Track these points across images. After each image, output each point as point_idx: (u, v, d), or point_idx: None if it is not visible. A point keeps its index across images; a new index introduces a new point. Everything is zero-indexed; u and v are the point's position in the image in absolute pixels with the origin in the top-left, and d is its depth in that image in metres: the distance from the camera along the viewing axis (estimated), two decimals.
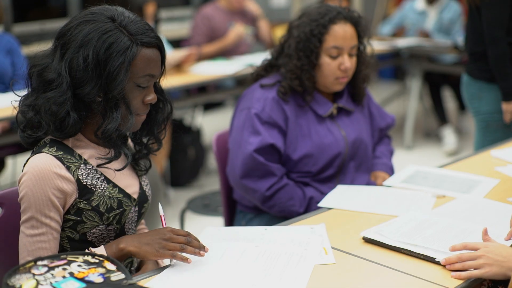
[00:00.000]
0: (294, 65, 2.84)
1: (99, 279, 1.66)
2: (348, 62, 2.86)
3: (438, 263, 2.01)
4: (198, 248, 1.98)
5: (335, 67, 2.86)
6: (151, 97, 2.05)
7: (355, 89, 3.03)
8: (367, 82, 3.06)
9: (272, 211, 2.85)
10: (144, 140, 2.25)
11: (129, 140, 2.26)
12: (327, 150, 2.89)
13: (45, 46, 2.05)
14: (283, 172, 2.87)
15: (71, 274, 1.65)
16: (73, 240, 2.06)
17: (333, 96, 3.01)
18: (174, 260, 1.99)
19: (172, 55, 5.19)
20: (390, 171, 3.11)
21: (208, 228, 2.22)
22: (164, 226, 2.07)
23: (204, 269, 1.95)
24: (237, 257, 2.03)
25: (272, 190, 2.81)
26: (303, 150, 2.87)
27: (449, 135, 6.86)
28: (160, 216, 2.10)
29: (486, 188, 2.73)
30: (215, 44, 6.18)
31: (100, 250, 1.97)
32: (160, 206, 2.11)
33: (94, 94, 1.95)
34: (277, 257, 2.02)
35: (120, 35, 1.95)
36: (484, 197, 2.61)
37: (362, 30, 2.91)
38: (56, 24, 6.50)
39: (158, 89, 2.15)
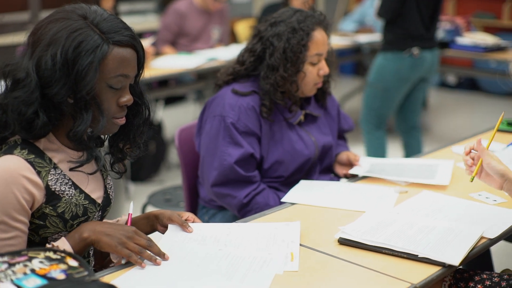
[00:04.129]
0: (281, 76, 2.78)
1: (61, 276, 1.63)
2: (326, 68, 2.86)
3: (418, 260, 2.03)
4: (157, 254, 1.97)
5: (316, 73, 2.85)
6: (126, 99, 1.99)
7: (321, 92, 3.03)
8: (331, 82, 3.06)
9: (247, 215, 2.82)
10: (121, 144, 2.17)
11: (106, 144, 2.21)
12: (298, 155, 2.88)
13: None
14: (260, 178, 2.86)
15: (33, 270, 1.62)
16: (33, 243, 2.01)
17: (300, 102, 2.99)
18: (124, 260, 1.97)
19: None
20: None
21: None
22: (129, 225, 2.04)
23: (167, 272, 1.93)
24: (199, 261, 2.00)
25: (249, 197, 2.79)
26: (275, 156, 2.86)
27: None
28: (129, 214, 2.07)
29: (447, 171, 2.82)
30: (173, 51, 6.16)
31: (62, 242, 1.94)
32: (131, 204, 2.09)
33: (62, 95, 1.89)
34: (240, 262, 1.99)
35: (90, 33, 1.89)
36: (448, 191, 2.64)
37: (330, 33, 2.91)
38: (16, 17, 6.43)
39: (136, 92, 2.08)
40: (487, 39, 6.57)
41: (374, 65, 5.36)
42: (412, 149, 5.62)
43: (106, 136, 2.16)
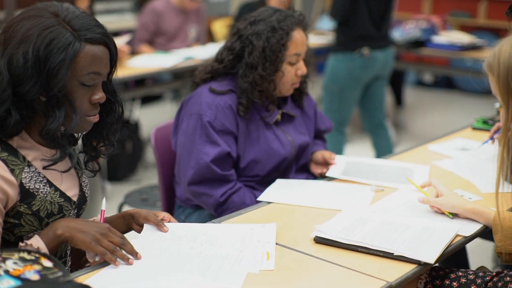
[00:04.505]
0: (259, 74, 2.78)
1: (36, 277, 1.62)
2: (304, 68, 2.87)
3: (394, 258, 2.04)
4: (130, 253, 1.96)
5: (294, 73, 2.85)
6: (99, 96, 1.98)
7: (298, 92, 3.03)
8: (308, 82, 3.06)
9: (223, 215, 2.81)
10: (94, 142, 2.16)
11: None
12: (275, 155, 2.88)
13: None
14: (236, 177, 2.86)
15: (6, 272, 1.61)
16: (8, 242, 1.99)
17: (278, 102, 2.99)
18: (98, 257, 1.96)
19: None
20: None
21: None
22: (102, 222, 2.03)
23: (140, 270, 1.92)
24: (173, 260, 2.00)
25: (226, 196, 2.78)
26: (251, 156, 2.86)
27: None
28: (101, 210, 2.06)
29: (423, 176, 2.81)
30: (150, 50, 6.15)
31: (35, 239, 1.91)
32: (104, 200, 2.07)
33: (34, 93, 1.88)
34: (213, 260, 1.99)
35: (62, 30, 1.88)
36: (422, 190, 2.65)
37: (308, 33, 2.91)
38: None
39: (109, 90, 2.07)
40: (463, 38, 6.60)
41: (327, 67, 5.38)
42: (382, 149, 5.64)
43: (80, 134, 2.15)
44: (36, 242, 1.90)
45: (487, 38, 7.23)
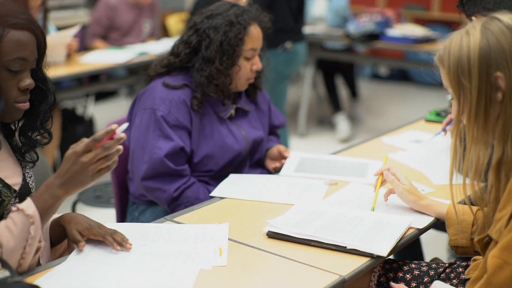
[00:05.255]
0: (216, 68, 2.77)
1: None
2: (259, 63, 2.87)
3: (347, 251, 2.04)
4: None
5: (249, 68, 2.85)
6: (27, 83, 1.97)
7: (253, 87, 3.02)
8: (262, 77, 3.06)
9: (177, 210, 2.79)
10: (30, 133, 2.15)
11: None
12: (229, 150, 2.87)
13: None
14: (190, 172, 2.84)
15: None
16: None
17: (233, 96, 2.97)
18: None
19: (58, 35, 5.03)
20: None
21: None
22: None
23: (91, 268, 1.90)
24: (124, 257, 1.97)
25: (179, 191, 2.77)
26: (205, 150, 2.84)
27: (342, 122, 6.97)
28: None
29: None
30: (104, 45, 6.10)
31: (28, 204, 1.84)
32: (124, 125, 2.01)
33: None
34: (165, 257, 1.97)
35: None
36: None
37: (264, 29, 2.92)
38: None
39: (40, 78, 2.06)
40: (417, 31, 6.65)
41: None
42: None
43: (17, 126, 2.12)
44: (29, 205, 1.85)
45: (441, 31, 7.28)
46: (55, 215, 2.16)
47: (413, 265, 2.29)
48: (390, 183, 2.39)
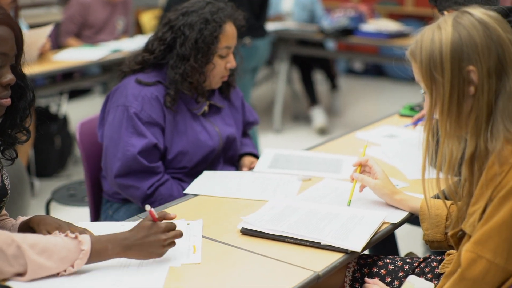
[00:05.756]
0: (190, 66, 2.76)
1: None
2: (234, 61, 2.87)
3: (321, 247, 2.03)
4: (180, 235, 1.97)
5: (223, 66, 2.85)
6: (8, 78, 1.93)
7: (226, 84, 3.02)
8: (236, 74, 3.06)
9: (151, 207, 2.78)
10: (9, 130, 2.12)
11: None
12: (202, 146, 2.86)
13: None
14: (163, 169, 2.82)
15: None
16: None
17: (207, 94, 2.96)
18: None
19: (31, 34, 4.98)
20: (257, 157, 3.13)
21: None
22: (155, 220, 1.97)
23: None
24: None
25: (153, 188, 2.75)
26: (178, 147, 2.83)
27: (318, 113, 7.00)
28: (149, 211, 1.98)
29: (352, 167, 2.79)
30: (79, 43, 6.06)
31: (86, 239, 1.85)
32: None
33: None
34: None
35: None
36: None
37: (239, 27, 2.91)
38: None
39: (19, 75, 2.03)
40: (390, 26, 6.66)
41: None
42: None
43: None
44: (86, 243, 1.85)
45: (414, 26, 7.29)
46: (24, 218, 2.14)
47: (388, 260, 2.29)
48: (360, 182, 2.40)
